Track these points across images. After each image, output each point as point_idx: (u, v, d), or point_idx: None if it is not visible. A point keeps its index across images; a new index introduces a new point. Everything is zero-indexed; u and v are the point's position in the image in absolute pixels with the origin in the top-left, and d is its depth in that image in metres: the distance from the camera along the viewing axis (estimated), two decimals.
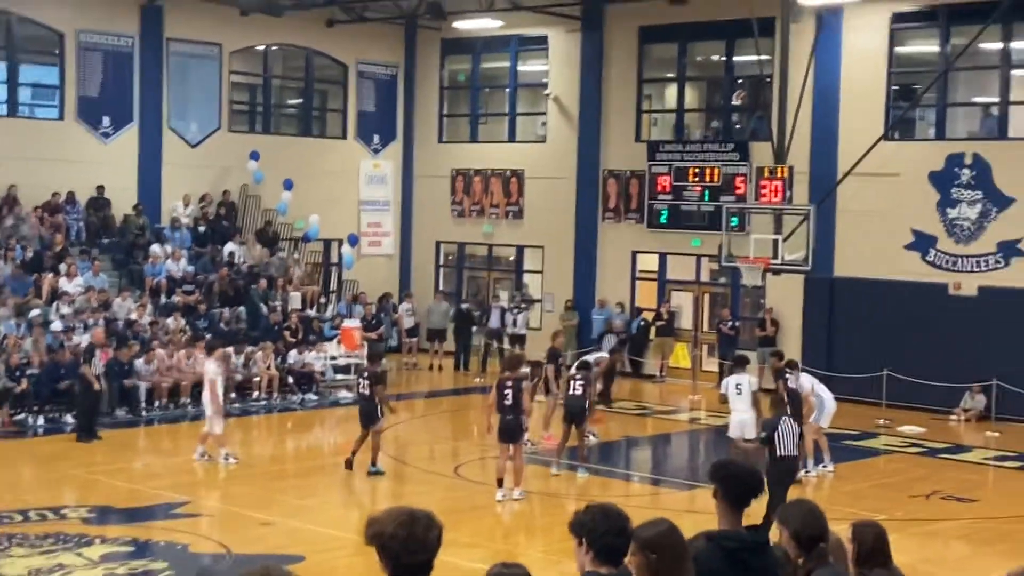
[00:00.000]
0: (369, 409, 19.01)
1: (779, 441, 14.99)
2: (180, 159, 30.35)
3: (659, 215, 29.57)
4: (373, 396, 18.96)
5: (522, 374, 18.93)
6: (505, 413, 17.12)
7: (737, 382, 18.71)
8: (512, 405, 17.07)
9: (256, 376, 25.36)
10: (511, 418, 17.09)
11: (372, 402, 18.96)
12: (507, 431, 17.12)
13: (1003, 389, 24.37)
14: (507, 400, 17.09)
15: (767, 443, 15.05)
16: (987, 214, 25.23)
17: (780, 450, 14.99)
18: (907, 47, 27.54)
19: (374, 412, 18.94)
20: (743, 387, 18.58)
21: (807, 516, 6.12)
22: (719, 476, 6.06)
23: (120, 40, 29.41)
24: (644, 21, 29.74)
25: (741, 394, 18.56)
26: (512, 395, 17.08)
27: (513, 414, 17.09)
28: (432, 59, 34.23)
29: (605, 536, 5.32)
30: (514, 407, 17.07)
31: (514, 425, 17.11)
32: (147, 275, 27.66)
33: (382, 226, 34.35)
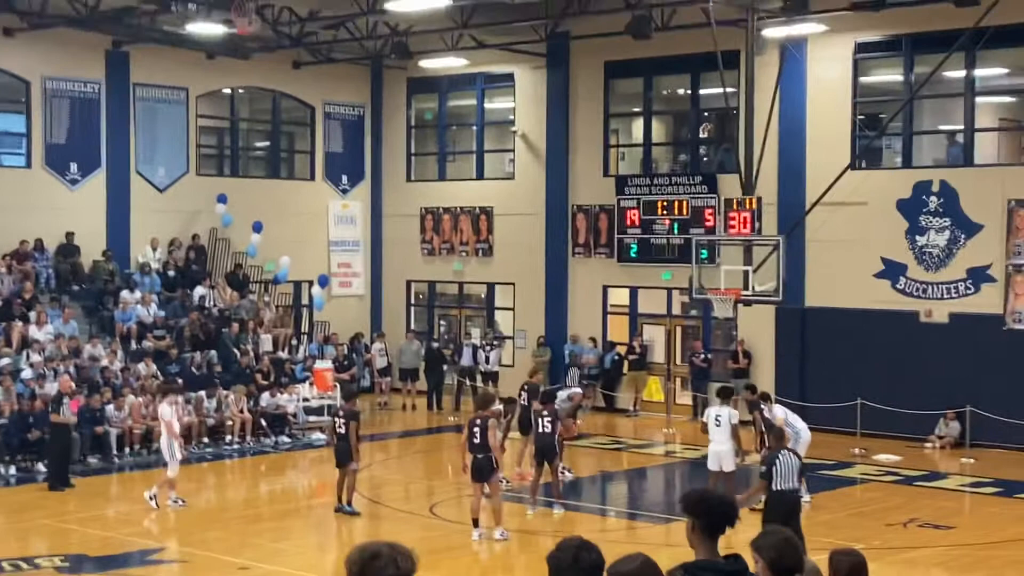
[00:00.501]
0: (344, 448, 18.89)
1: (778, 475, 14.77)
2: (148, 204, 30.24)
3: (629, 249, 29.62)
4: (348, 435, 18.84)
5: (494, 412, 18.85)
6: (475, 452, 17.08)
7: (717, 413, 18.78)
8: (480, 444, 17.00)
9: (229, 420, 25.19)
10: (481, 457, 17.02)
11: (348, 441, 18.85)
12: (477, 470, 17.07)
13: (977, 415, 24.44)
14: (475, 439, 17.04)
15: (766, 477, 14.86)
16: (956, 241, 25.37)
17: (779, 484, 14.75)
18: (871, 76, 27.74)
19: (348, 452, 18.83)
20: (722, 419, 18.63)
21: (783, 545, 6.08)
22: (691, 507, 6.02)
23: (86, 86, 29.34)
24: (609, 56, 29.87)
25: (720, 426, 18.60)
26: (480, 434, 17.02)
27: (483, 452, 17.02)
28: (399, 98, 34.29)
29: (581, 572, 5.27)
30: (483, 445, 17.00)
31: (484, 464, 17.01)
32: (117, 321, 27.49)
33: (352, 266, 34.29)
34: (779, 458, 14.97)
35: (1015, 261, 24.63)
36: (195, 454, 24.21)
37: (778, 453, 15.15)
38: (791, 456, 15.14)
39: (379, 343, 31.70)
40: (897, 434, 25.06)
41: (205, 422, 24.90)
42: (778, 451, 15.26)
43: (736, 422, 18.78)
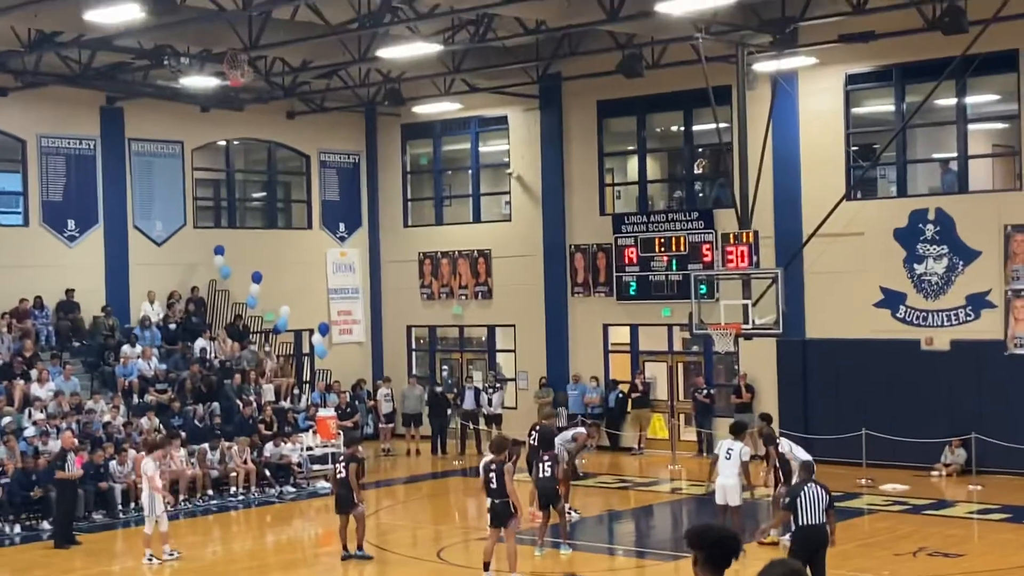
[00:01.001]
0: (345, 494, 18.83)
1: (802, 508, 14.44)
2: (147, 258, 30.30)
3: (628, 287, 29.65)
4: (349, 479, 18.76)
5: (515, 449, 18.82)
6: (493, 496, 16.91)
7: (729, 447, 18.69)
8: (497, 488, 16.83)
9: (232, 471, 25.13)
10: (499, 502, 16.84)
11: (348, 486, 18.79)
12: (495, 515, 16.91)
13: (982, 442, 24.38)
14: (492, 483, 16.89)
15: (790, 508, 14.60)
16: (954, 268, 25.39)
17: (803, 518, 14.44)
18: (863, 107, 27.85)
19: (350, 496, 18.77)
20: (733, 453, 18.57)
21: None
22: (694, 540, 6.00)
23: (82, 143, 29.46)
24: (601, 96, 30.00)
25: (730, 459, 18.54)
26: (496, 478, 16.85)
27: (500, 497, 16.84)
28: (393, 144, 34.41)
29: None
30: (499, 490, 16.82)
31: (502, 509, 16.83)
32: (119, 376, 27.48)
33: (352, 313, 34.31)
34: (804, 490, 14.60)
35: (1014, 286, 24.65)
36: (200, 507, 24.15)
37: (804, 485, 14.75)
38: (818, 488, 14.64)
39: (384, 388, 31.67)
40: (903, 463, 24.99)
41: (209, 474, 24.83)
42: (804, 483, 14.83)
43: (747, 459, 18.73)
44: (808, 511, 14.43)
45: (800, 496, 14.51)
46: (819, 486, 14.72)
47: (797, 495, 14.59)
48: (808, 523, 14.44)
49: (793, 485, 15.17)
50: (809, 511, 14.43)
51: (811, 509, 14.43)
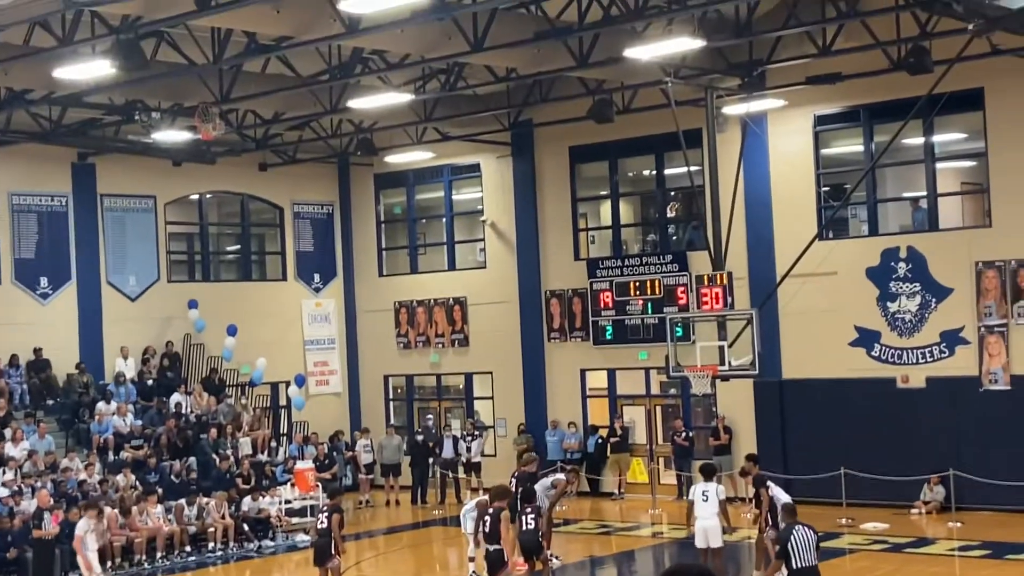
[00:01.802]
0: (324, 544, 18.65)
1: (795, 551, 14.41)
2: (120, 314, 30.17)
3: (604, 331, 29.67)
4: (330, 530, 18.60)
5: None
6: (488, 542, 17.13)
7: (704, 490, 18.75)
8: (491, 533, 17.00)
9: (211, 527, 24.94)
10: (492, 549, 17.00)
11: (329, 537, 18.61)
12: (488, 562, 17.09)
13: (961, 478, 24.40)
14: (486, 528, 17.12)
15: (783, 556, 14.50)
16: (927, 305, 25.51)
17: (797, 562, 14.40)
18: (833, 148, 28.04)
19: (328, 548, 18.60)
20: (709, 494, 18.65)
21: None
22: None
23: (54, 200, 29.39)
24: (573, 141, 30.14)
25: (707, 501, 18.59)
26: (491, 524, 17.02)
27: (494, 544, 17.00)
28: (367, 194, 34.45)
29: None
30: (493, 536, 16.98)
31: (495, 556, 16.97)
32: (94, 433, 27.29)
33: (329, 364, 34.21)
34: (794, 533, 14.56)
35: (986, 322, 24.78)
36: (178, 563, 23.96)
37: (793, 527, 14.72)
38: (806, 530, 14.68)
39: (363, 439, 31.53)
40: (883, 502, 24.99)
41: (186, 530, 24.64)
42: (793, 525, 14.80)
43: (723, 498, 18.74)
44: (801, 553, 14.40)
45: (791, 540, 14.46)
46: (807, 527, 14.76)
47: (788, 539, 14.51)
48: (802, 565, 14.37)
49: (782, 530, 15.07)
50: (802, 553, 14.41)
51: (804, 551, 14.41)
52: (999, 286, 24.69)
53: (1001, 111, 24.74)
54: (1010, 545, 21.46)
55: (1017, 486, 23.83)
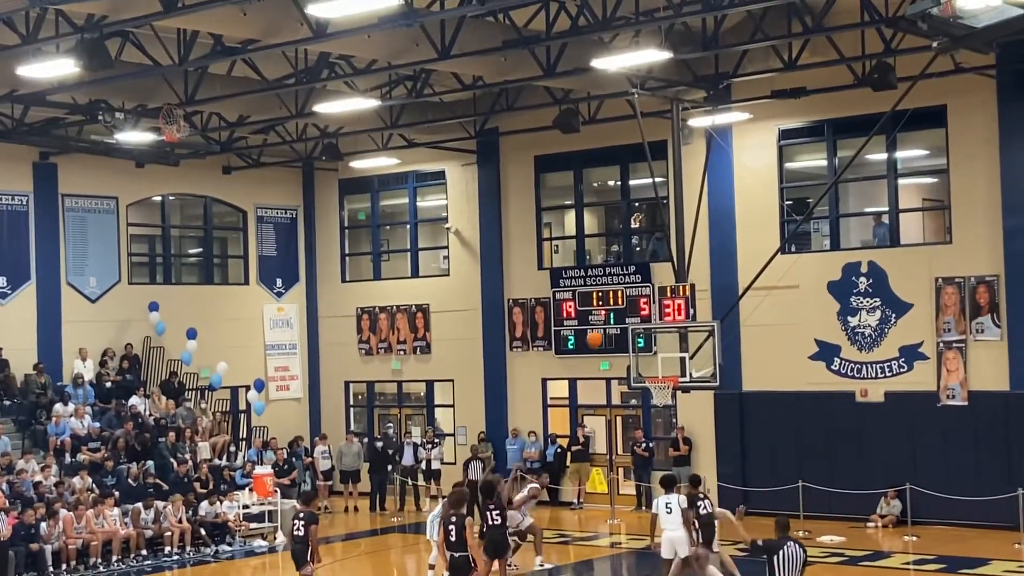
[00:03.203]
0: (300, 551, 18.53)
1: (779, 566, 14.05)
2: (80, 315, 29.95)
3: (566, 341, 29.70)
4: (307, 537, 18.46)
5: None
6: (452, 550, 16.82)
7: (667, 501, 18.76)
8: (457, 541, 16.76)
9: (167, 531, 24.78)
10: (458, 556, 16.75)
11: (305, 544, 18.49)
12: (454, 569, 16.82)
13: (917, 492, 24.55)
14: (452, 536, 16.80)
15: (768, 568, 14.11)
16: (887, 320, 25.67)
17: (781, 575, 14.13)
18: (796, 162, 28.20)
19: (304, 555, 18.47)
20: (672, 505, 18.65)
21: None
22: None
23: (14, 199, 29.17)
24: (539, 151, 30.18)
25: (671, 512, 18.59)
26: (456, 531, 16.78)
27: (460, 551, 16.76)
28: (331, 199, 34.37)
29: None
30: (459, 544, 16.76)
31: (462, 563, 16.75)
32: (51, 434, 27.07)
33: (289, 369, 34.09)
34: (784, 549, 14.14)
35: (945, 338, 24.96)
36: (133, 567, 23.78)
37: (784, 543, 14.25)
38: (797, 548, 14.22)
39: (321, 445, 31.43)
40: (839, 515, 25.12)
41: (143, 534, 24.47)
42: (785, 540, 14.33)
43: (686, 506, 18.73)
44: (786, 570, 14.02)
45: (779, 555, 14.03)
46: (798, 545, 14.31)
47: (776, 552, 14.07)
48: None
49: (772, 542, 14.42)
50: (787, 570, 14.02)
51: (790, 568, 14.02)
52: (958, 302, 24.89)
53: (963, 129, 24.95)
54: (965, 559, 21.61)
55: (973, 501, 24.01)
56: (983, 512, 24.01)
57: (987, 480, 24.14)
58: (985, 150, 24.64)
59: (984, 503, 23.93)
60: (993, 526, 23.82)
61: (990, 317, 24.60)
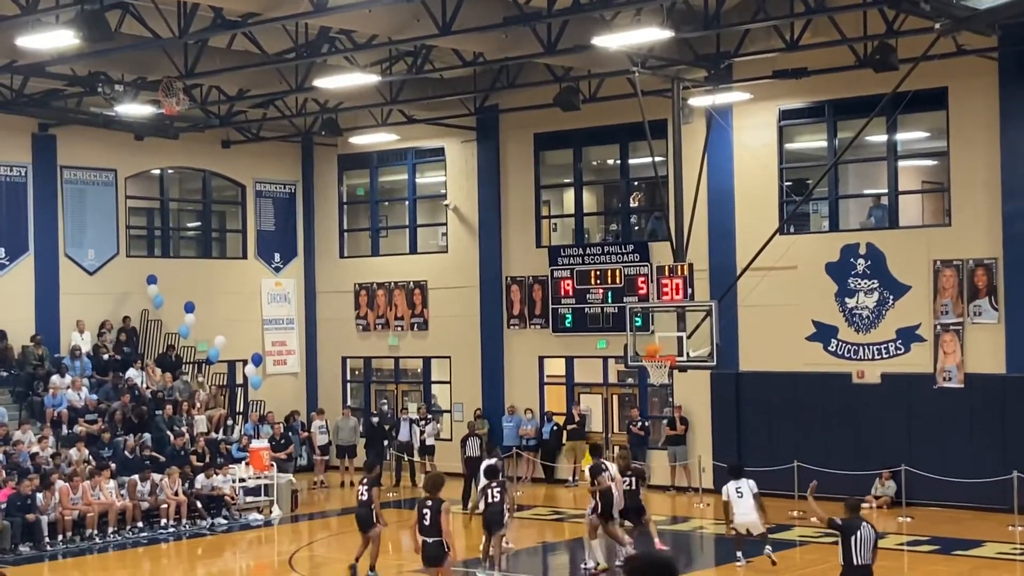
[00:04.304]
0: (365, 514, 19.30)
1: (856, 547, 14.08)
2: (78, 287, 29.96)
3: (564, 319, 29.72)
4: (371, 501, 19.24)
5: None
6: (425, 535, 16.12)
7: (737, 486, 19.23)
8: (431, 527, 16.04)
9: (163, 503, 24.83)
10: (431, 541, 16.05)
11: (369, 507, 19.24)
12: (427, 555, 16.19)
13: (912, 474, 24.62)
14: (425, 521, 16.09)
15: (843, 547, 14.15)
16: (884, 302, 25.70)
17: (857, 558, 14.11)
18: (796, 143, 28.18)
19: (370, 517, 19.19)
20: (743, 490, 19.17)
21: None
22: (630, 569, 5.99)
23: (13, 170, 29.13)
24: (538, 128, 30.15)
25: (743, 496, 19.12)
26: (430, 516, 16.08)
27: (433, 536, 16.07)
28: (330, 175, 34.34)
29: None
30: (433, 529, 16.06)
31: (434, 549, 16.08)
32: (48, 406, 27.10)
33: (287, 344, 34.12)
34: (860, 529, 14.16)
35: (942, 320, 24.99)
36: (129, 539, 23.85)
37: (859, 523, 14.30)
38: (870, 528, 14.32)
39: (318, 420, 31.48)
40: (834, 495, 24.81)
41: (139, 506, 24.52)
42: (859, 521, 14.37)
43: (756, 491, 19.41)
44: (862, 550, 14.11)
45: (855, 535, 14.09)
46: (870, 525, 14.43)
47: (852, 532, 14.12)
48: (860, 563, 14.13)
49: (847, 521, 14.41)
50: (863, 550, 14.12)
51: (864, 549, 14.13)
52: (956, 285, 24.91)
53: (964, 111, 24.93)
54: (958, 541, 21.68)
55: (967, 483, 24.09)
56: (978, 494, 24.10)
57: (982, 462, 24.21)
58: (985, 133, 24.63)
59: (979, 485, 24.02)
60: (987, 508, 23.92)
61: (988, 300, 24.63)
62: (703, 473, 27.12)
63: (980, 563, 20.28)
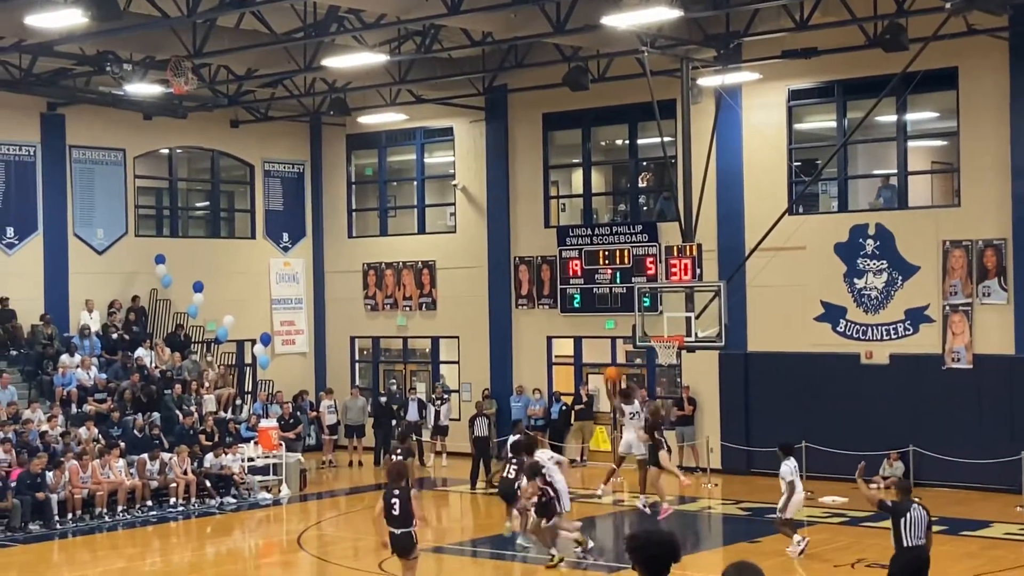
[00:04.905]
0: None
1: (906, 529, 14.07)
2: (87, 266, 30.00)
3: (572, 299, 29.72)
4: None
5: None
6: (394, 526, 15.26)
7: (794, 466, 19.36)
8: (400, 516, 15.17)
9: (172, 482, 24.91)
10: (399, 532, 15.23)
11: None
12: (396, 546, 15.37)
13: (919, 455, 24.62)
14: (395, 510, 15.17)
15: (894, 529, 14.15)
16: (893, 283, 25.67)
17: (908, 540, 14.09)
18: (806, 123, 28.11)
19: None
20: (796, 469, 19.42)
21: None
22: (633, 547, 5.99)
23: (22, 149, 29.15)
24: (547, 108, 30.09)
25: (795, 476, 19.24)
26: (401, 506, 15.18)
27: (401, 527, 15.23)
28: (338, 155, 34.32)
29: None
30: (402, 519, 15.21)
31: (403, 539, 15.27)
32: (57, 385, 27.17)
33: (295, 324, 34.16)
34: (911, 511, 14.16)
35: (951, 301, 24.96)
36: (139, 518, 23.93)
37: (910, 504, 14.28)
38: (922, 511, 14.31)
39: (327, 400, 31.53)
40: (842, 476, 25.12)
41: (148, 485, 24.60)
42: (910, 502, 14.34)
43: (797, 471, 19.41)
44: (913, 532, 14.08)
45: (906, 517, 14.07)
46: (922, 507, 14.41)
47: (903, 514, 14.10)
48: (912, 544, 14.10)
49: (899, 504, 14.39)
50: (914, 532, 14.09)
51: (916, 530, 14.11)
52: (965, 265, 24.87)
53: (974, 91, 24.84)
54: (966, 522, 21.69)
55: (975, 463, 24.10)
56: (985, 475, 24.11)
57: (990, 443, 24.21)
58: (996, 113, 24.55)
59: (987, 466, 24.03)
60: (995, 489, 23.93)
61: (997, 281, 24.59)
62: (711, 453, 27.15)
63: (988, 543, 20.29)
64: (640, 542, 5.97)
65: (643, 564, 5.90)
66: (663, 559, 5.90)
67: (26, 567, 20.11)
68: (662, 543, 5.98)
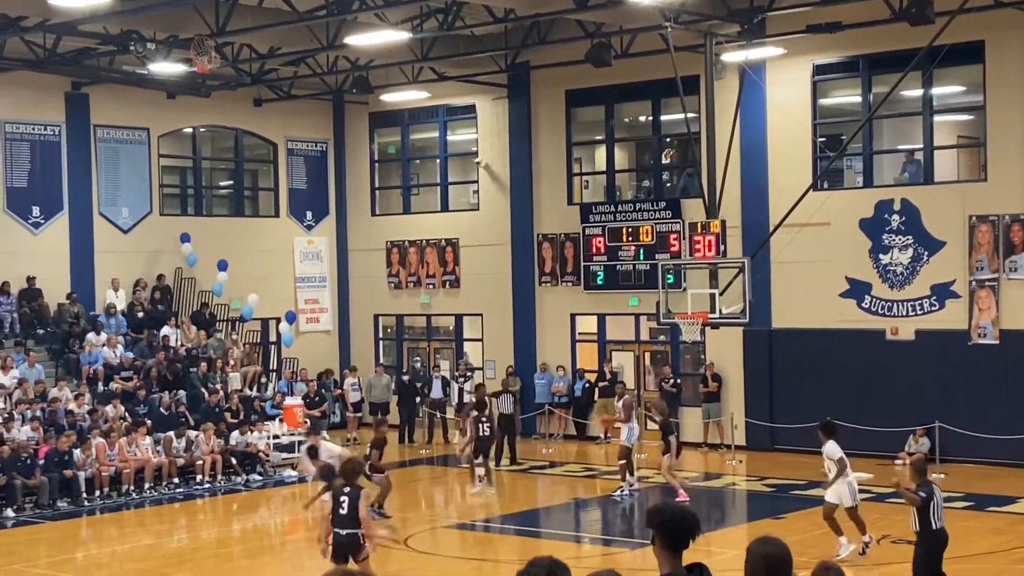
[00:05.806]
0: None
1: (934, 512, 14.00)
2: (112, 245, 30.13)
3: (595, 276, 29.70)
4: None
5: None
6: (340, 527, 14.20)
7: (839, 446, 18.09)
8: (348, 516, 14.15)
9: (199, 459, 25.04)
10: (344, 533, 14.16)
11: None
12: (337, 548, 14.19)
13: (946, 431, 24.56)
14: (342, 510, 14.18)
15: (923, 512, 14.01)
16: (919, 258, 25.55)
17: (936, 522, 14.01)
18: (830, 98, 27.95)
19: None
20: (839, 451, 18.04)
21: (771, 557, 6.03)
22: (653, 521, 6.02)
23: (47, 129, 29.25)
24: (570, 85, 30.01)
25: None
26: (349, 505, 14.17)
27: (347, 528, 14.18)
28: (361, 133, 34.33)
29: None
30: (350, 519, 14.18)
31: (346, 541, 14.16)
32: (83, 363, 27.32)
33: (319, 302, 34.24)
34: (936, 493, 14.10)
35: (978, 276, 24.84)
36: (165, 495, 24.08)
37: (931, 486, 14.21)
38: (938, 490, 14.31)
39: (351, 378, 31.61)
40: (868, 452, 25.08)
41: (175, 462, 24.73)
42: (931, 485, 14.26)
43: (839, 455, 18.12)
44: (938, 514, 14.04)
45: (932, 501, 14.00)
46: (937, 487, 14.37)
47: (930, 499, 14.01)
48: (940, 526, 14.06)
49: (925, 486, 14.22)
50: (939, 514, 14.06)
51: (940, 511, 14.07)
52: (991, 240, 24.74)
53: (1001, 65, 24.66)
54: (992, 497, 21.64)
55: (1001, 439, 24.02)
56: (1012, 450, 24.03)
57: (1017, 419, 24.12)
58: (1023, 87, 24.35)
59: (1013, 442, 23.95)
60: (1022, 464, 23.84)
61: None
62: (735, 430, 27.13)
63: (1015, 519, 20.24)
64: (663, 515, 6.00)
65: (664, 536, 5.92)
66: (683, 532, 5.93)
67: (54, 544, 20.26)
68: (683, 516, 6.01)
